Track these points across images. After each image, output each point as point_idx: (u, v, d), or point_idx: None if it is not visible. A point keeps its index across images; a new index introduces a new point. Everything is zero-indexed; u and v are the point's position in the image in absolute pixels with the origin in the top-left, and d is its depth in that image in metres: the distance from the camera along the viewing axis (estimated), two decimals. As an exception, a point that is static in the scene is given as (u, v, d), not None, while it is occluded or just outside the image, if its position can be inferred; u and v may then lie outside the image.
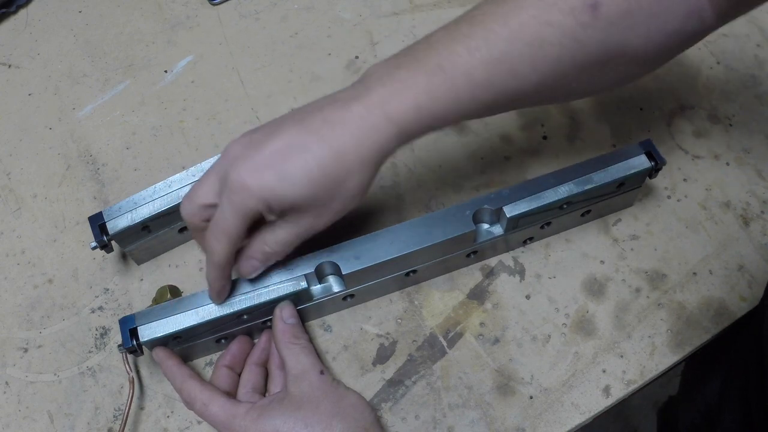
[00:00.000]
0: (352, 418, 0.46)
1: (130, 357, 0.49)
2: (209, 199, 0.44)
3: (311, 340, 0.51)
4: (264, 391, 0.50)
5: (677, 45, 0.44)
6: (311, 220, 0.44)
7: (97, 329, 0.54)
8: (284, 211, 0.43)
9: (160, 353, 0.49)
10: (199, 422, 0.50)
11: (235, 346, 0.51)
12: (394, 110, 0.41)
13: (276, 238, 0.45)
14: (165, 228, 0.55)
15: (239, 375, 0.51)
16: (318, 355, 0.50)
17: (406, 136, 0.42)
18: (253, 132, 0.44)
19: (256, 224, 0.44)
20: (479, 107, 0.43)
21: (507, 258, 0.56)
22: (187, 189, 0.52)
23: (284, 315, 0.50)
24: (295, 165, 0.41)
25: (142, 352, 0.49)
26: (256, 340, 0.53)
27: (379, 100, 0.41)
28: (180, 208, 0.46)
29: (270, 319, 0.51)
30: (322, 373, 0.48)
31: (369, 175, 0.43)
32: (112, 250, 0.53)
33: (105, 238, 0.52)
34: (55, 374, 0.53)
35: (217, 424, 0.46)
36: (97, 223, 0.52)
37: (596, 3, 0.41)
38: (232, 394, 0.49)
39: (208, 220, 0.45)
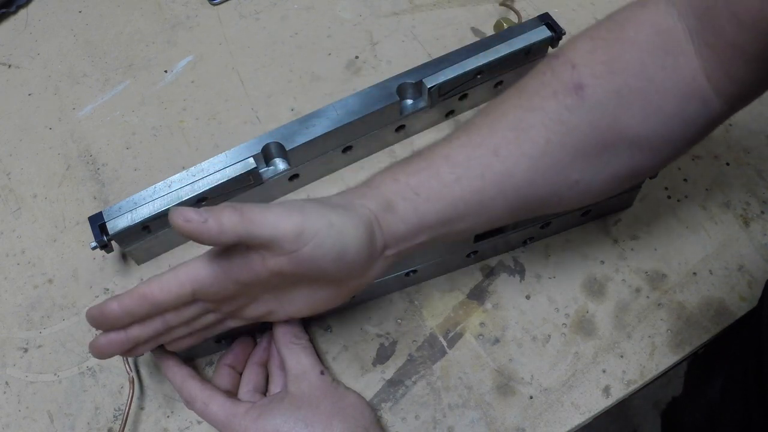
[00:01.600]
0: (352, 418, 0.46)
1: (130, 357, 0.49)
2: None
3: (311, 340, 0.51)
4: (265, 390, 0.50)
5: (682, 130, 0.41)
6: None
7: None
8: None
9: (160, 353, 0.49)
10: (199, 422, 0.50)
11: (238, 346, 0.51)
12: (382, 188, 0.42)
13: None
14: (165, 228, 0.55)
15: (241, 374, 0.51)
16: (318, 355, 0.50)
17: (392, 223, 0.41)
18: None
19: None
20: (467, 193, 0.41)
21: (507, 258, 0.56)
22: (187, 189, 0.53)
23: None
24: None
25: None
26: (258, 340, 0.53)
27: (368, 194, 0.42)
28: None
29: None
30: (322, 373, 0.48)
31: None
32: (112, 250, 0.53)
33: (105, 238, 0.52)
34: (55, 374, 0.53)
35: (216, 423, 0.46)
36: (97, 223, 0.52)
37: (580, 84, 0.40)
38: (233, 394, 0.49)
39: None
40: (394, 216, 0.41)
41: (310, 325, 0.54)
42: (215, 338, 0.51)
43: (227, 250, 0.40)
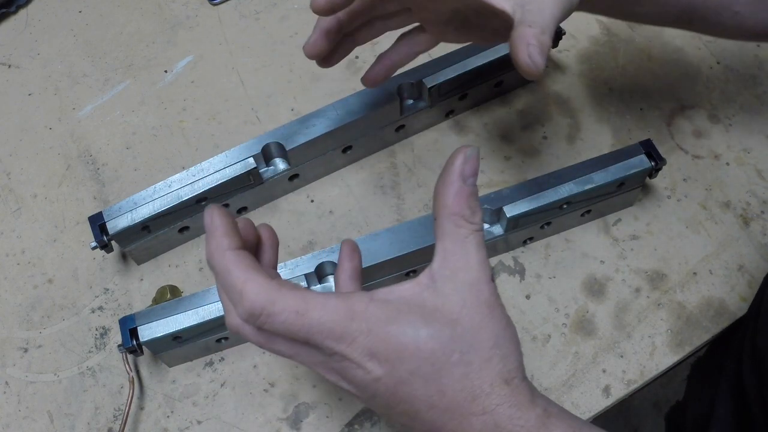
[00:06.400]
0: (512, 355, 0.33)
1: (130, 357, 0.49)
2: None
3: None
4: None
5: None
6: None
7: (97, 329, 0.54)
8: None
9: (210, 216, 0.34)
10: (199, 422, 0.50)
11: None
12: None
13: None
14: (165, 228, 0.55)
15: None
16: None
17: None
18: None
19: None
20: None
21: (507, 258, 0.56)
22: (187, 189, 0.53)
23: (466, 170, 0.34)
24: None
25: (142, 352, 0.49)
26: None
27: None
28: None
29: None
30: (492, 280, 0.34)
31: None
32: (112, 250, 0.53)
33: (105, 238, 0.52)
34: (55, 374, 0.53)
35: (320, 334, 0.31)
36: (97, 223, 0.52)
37: None
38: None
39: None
40: None
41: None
42: (216, 338, 0.51)
43: None
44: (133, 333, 0.48)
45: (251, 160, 0.54)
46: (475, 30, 0.47)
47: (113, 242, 0.53)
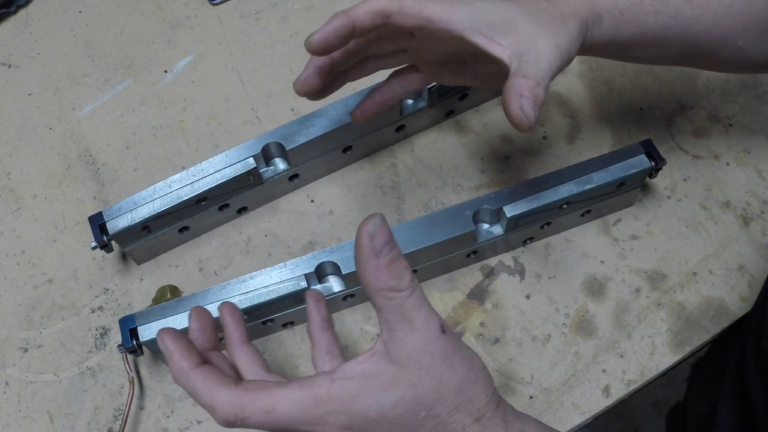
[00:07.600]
0: (479, 395, 0.35)
1: (130, 357, 0.49)
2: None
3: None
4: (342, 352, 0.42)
5: None
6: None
7: (97, 329, 0.54)
8: None
9: (165, 339, 0.37)
10: (199, 422, 0.50)
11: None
12: None
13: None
14: (165, 228, 0.55)
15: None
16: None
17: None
18: None
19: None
20: (658, 27, 0.45)
21: (507, 258, 0.56)
22: (187, 189, 0.53)
23: (376, 245, 0.33)
24: None
25: (142, 352, 0.49)
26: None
27: None
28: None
29: (270, 320, 0.51)
30: (443, 331, 0.34)
31: None
32: (112, 250, 0.53)
33: (105, 238, 0.52)
34: (55, 374, 0.53)
35: (291, 424, 0.34)
36: (97, 223, 0.52)
37: None
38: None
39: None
40: (599, 28, 0.43)
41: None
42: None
43: None
44: (133, 333, 0.48)
45: (251, 160, 0.54)
46: (470, 73, 0.47)
47: (113, 242, 0.53)
